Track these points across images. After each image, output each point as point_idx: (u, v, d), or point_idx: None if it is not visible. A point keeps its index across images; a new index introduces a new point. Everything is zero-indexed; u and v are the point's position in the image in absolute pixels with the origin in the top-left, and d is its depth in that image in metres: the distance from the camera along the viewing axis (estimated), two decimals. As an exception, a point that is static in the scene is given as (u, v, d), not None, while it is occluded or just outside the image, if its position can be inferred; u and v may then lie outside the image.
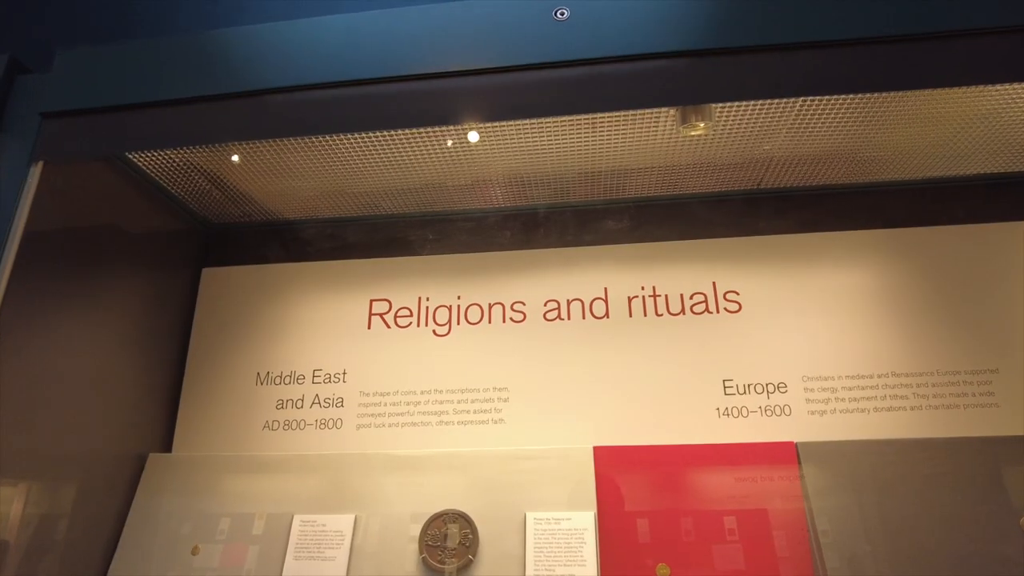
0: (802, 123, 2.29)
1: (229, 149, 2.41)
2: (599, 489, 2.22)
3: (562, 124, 2.30)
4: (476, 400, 2.53)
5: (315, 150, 2.42)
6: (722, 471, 2.24)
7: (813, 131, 2.34)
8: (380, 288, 2.76)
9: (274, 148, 2.41)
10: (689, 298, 2.59)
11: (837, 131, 2.34)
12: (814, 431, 2.34)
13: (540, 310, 2.64)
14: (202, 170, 2.55)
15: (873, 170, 2.61)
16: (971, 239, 2.55)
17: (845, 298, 2.53)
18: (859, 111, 2.23)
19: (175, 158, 2.46)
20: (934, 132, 2.36)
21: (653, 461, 2.27)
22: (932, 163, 2.57)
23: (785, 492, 2.19)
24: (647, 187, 2.70)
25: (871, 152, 2.49)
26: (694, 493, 2.21)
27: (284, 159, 2.48)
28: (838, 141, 2.41)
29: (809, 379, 2.43)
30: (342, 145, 2.40)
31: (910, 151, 2.49)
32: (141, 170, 2.51)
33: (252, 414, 2.62)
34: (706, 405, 2.43)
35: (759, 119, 2.25)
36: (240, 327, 2.77)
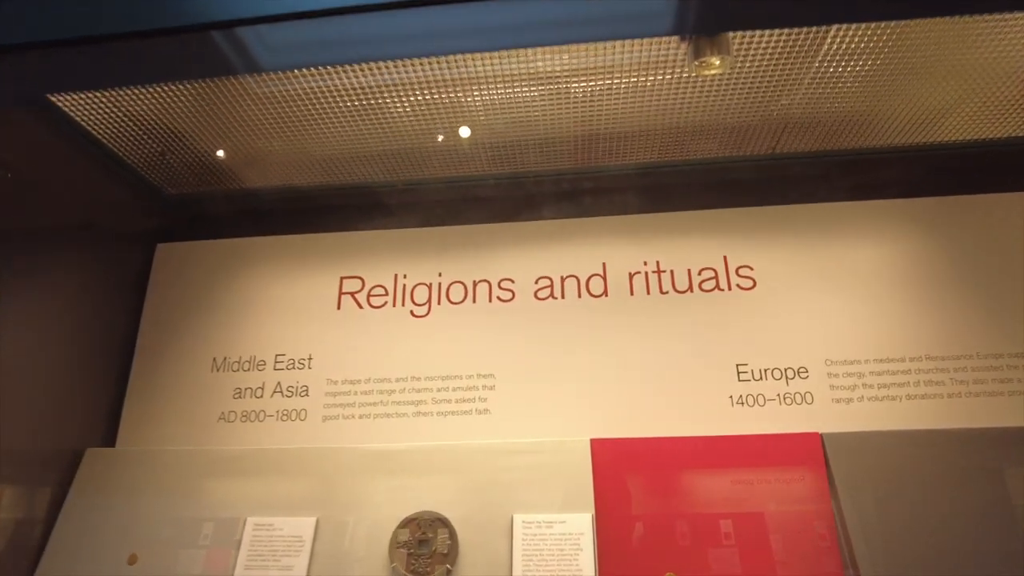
0: (822, 77, 2.03)
1: (179, 105, 2.12)
2: (597, 488, 1.95)
3: (554, 74, 2.02)
4: (458, 388, 2.26)
5: (278, 106, 2.14)
6: (738, 466, 1.98)
7: (835, 86, 2.07)
8: (352, 264, 2.49)
9: (232, 105, 2.12)
10: (697, 274, 2.33)
11: (860, 87, 2.08)
12: (839, 421, 2.09)
13: (531, 288, 2.37)
14: (153, 131, 2.26)
15: (901, 132, 2.34)
16: (1014, 208, 2.30)
17: (872, 273, 2.26)
18: (884, 62, 1.97)
19: (122, 116, 2.17)
20: (964, 86, 2.10)
21: (659, 455, 2.00)
22: (966, 124, 2.31)
23: (810, 489, 1.93)
24: (649, 151, 2.43)
25: (897, 112, 2.22)
26: (706, 491, 1.94)
27: (244, 117, 2.19)
28: (861, 99, 2.15)
29: (832, 363, 2.16)
30: (308, 99, 2.12)
31: (941, 110, 2.22)
32: (84, 130, 2.22)
33: (206, 404, 2.34)
34: (718, 392, 2.16)
35: (776, 67, 1.99)
36: (196, 308, 2.49)
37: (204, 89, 2.05)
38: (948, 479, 1.91)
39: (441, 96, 2.11)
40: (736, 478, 1.95)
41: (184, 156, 2.41)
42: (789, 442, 2.00)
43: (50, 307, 2.16)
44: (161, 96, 2.07)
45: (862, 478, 1.91)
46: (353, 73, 2.01)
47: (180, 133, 2.27)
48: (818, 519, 1.88)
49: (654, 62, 1.96)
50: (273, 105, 2.15)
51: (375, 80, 2.02)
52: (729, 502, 1.93)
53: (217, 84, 2.02)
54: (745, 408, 2.14)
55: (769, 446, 2.00)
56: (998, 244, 2.25)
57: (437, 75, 2.01)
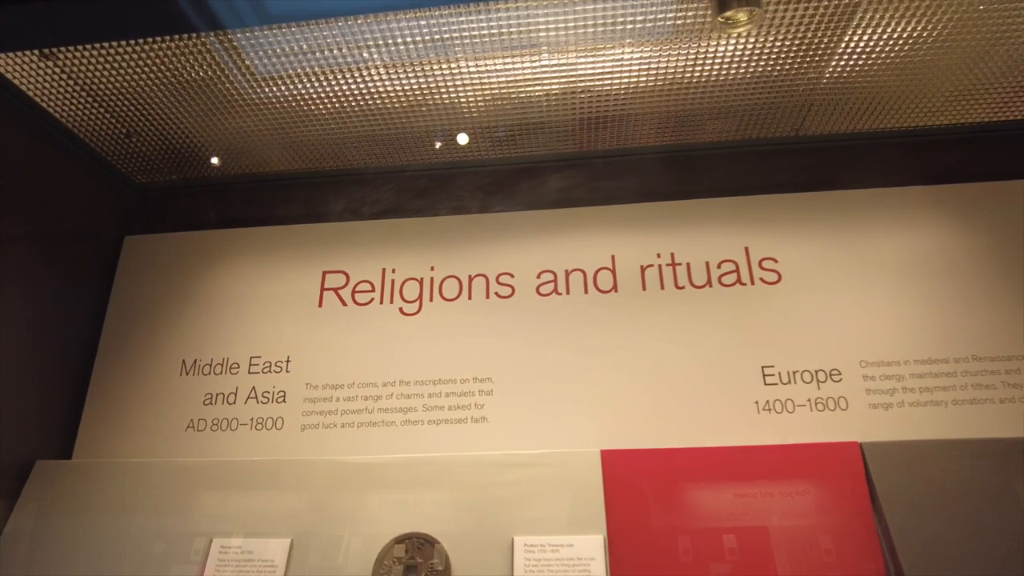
0: (854, 50, 1.83)
1: (144, 79, 1.90)
2: (609, 505, 1.72)
3: (557, 44, 1.82)
4: (452, 393, 2.04)
5: (255, 84, 1.93)
6: (768, 479, 1.75)
7: (867, 60, 1.87)
8: (335, 258, 2.28)
9: (205, 81, 1.91)
10: (716, 267, 2.11)
11: (895, 61, 1.87)
12: (878, 429, 1.87)
13: (532, 283, 2.16)
14: (117, 109, 2.04)
15: (938, 111, 2.13)
16: None
17: (909, 265, 2.05)
18: (920, 33, 1.77)
19: (80, 92, 1.96)
20: (1004, 61, 1.90)
21: (678, 468, 1.78)
22: (1008, 103, 2.10)
23: (850, 504, 1.70)
24: (661, 134, 2.23)
25: (934, 89, 2.01)
26: (733, 508, 1.72)
27: (218, 96, 1.98)
28: (896, 75, 1.94)
29: (868, 364, 1.95)
30: (288, 77, 1.91)
31: (980, 87, 2.02)
32: (38, 107, 2.01)
33: (174, 411, 2.11)
34: (742, 398, 1.94)
35: (804, 38, 1.78)
36: (165, 306, 2.27)
37: (171, 59, 1.84)
38: (1004, 493, 1.68)
39: (431, 70, 1.90)
40: (767, 493, 1.73)
41: (152, 140, 2.20)
42: (825, 452, 1.78)
43: (3, 306, 1.93)
44: (123, 68, 1.86)
45: (908, 492, 1.69)
46: (337, 47, 1.80)
47: (147, 112, 2.06)
48: (859, 537, 1.66)
49: (667, 28, 1.75)
50: (250, 83, 1.94)
51: (359, 57, 1.81)
52: (758, 520, 1.71)
53: (186, 55, 1.81)
54: (772, 415, 1.91)
55: (803, 457, 1.78)
56: (1052, 232, 2.03)
57: (426, 43, 1.80)
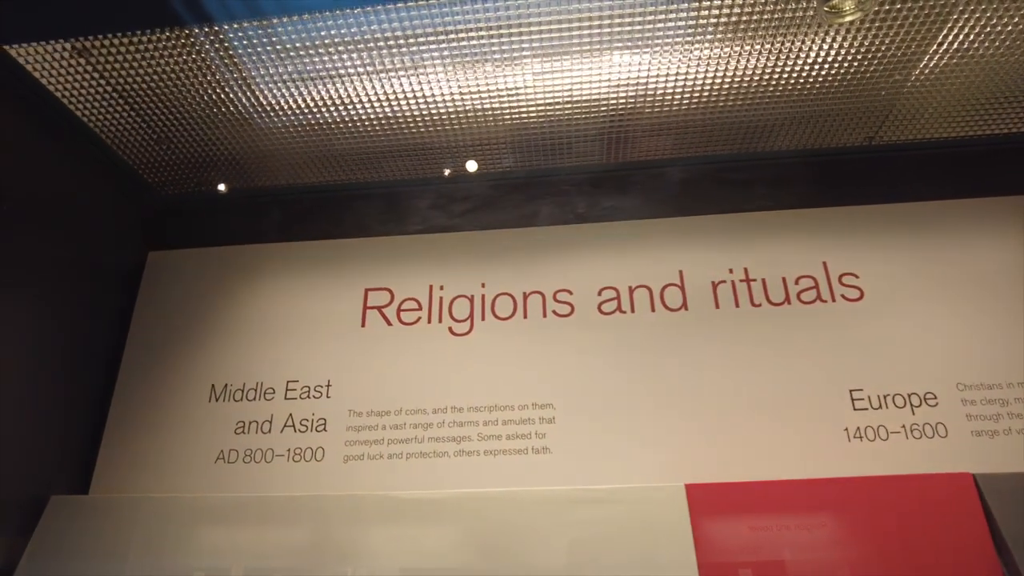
0: (949, 46, 1.70)
1: (175, 82, 1.77)
2: (699, 546, 1.53)
3: (621, 48, 1.69)
4: (510, 421, 1.87)
5: (292, 87, 1.80)
6: (872, 514, 1.57)
7: (963, 57, 1.74)
8: (378, 274, 2.12)
9: (239, 83, 1.78)
10: (794, 283, 1.96)
11: (995, 56, 1.75)
12: (984, 459, 1.71)
13: (593, 300, 2.00)
14: (146, 113, 1.90)
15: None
16: None
17: (1005, 279, 1.91)
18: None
19: (109, 93, 1.82)
20: None
21: (773, 503, 1.60)
22: None
23: (967, 545, 1.51)
24: (732, 142, 2.09)
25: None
26: (837, 545, 1.53)
27: (252, 99, 1.84)
28: (991, 73, 1.81)
29: (966, 387, 1.78)
30: (326, 80, 1.78)
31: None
32: (72, 115, 1.87)
33: (202, 441, 1.94)
34: (831, 424, 1.77)
35: (897, 35, 1.66)
36: (193, 326, 2.11)
37: (204, 63, 1.71)
38: None
39: (483, 72, 1.77)
40: (872, 530, 1.54)
41: (182, 147, 2.05)
42: (933, 484, 1.60)
43: (14, 322, 1.77)
44: (157, 69, 1.73)
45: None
46: (384, 47, 1.67)
47: (179, 117, 1.92)
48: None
49: (741, 39, 1.62)
50: (286, 86, 1.80)
51: (409, 60, 1.68)
52: (864, 559, 1.52)
53: (219, 56, 1.68)
54: (865, 443, 1.74)
55: (908, 489, 1.60)
56: None
57: (482, 44, 1.66)
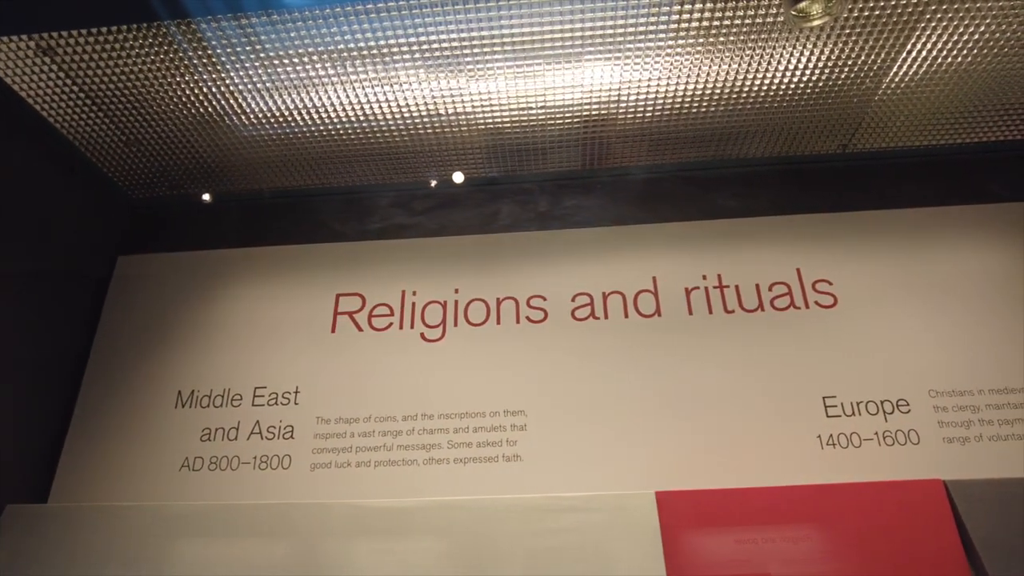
0: (919, 54, 1.71)
1: (146, 83, 1.74)
2: (668, 554, 1.51)
3: (595, 57, 1.69)
4: (481, 428, 1.85)
5: (266, 94, 1.78)
6: (844, 521, 1.55)
7: (932, 65, 1.75)
8: (350, 279, 2.11)
9: (211, 85, 1.76)
10: (768, 289, 1.96)
11: (963, 65, 1.76)
12: (955, 465, 1.71)
13: (566, 306, 1.99)
14: (116, 116, 1.87)
15: (1009, 124, 2.01)
16: None
17: (977, 287, 1.92)
18: (996, 33, 1.66)
19: (79, 98, 1.80)
20: None
21: (744, 510, 1.58)
22: None
23: (938, 551, 1.50)
24: (706, 149, 2.09)
25: (1006, 98, 1.90)
26: (808, 553, 1.52)
27: (225, 103, 1.82)
28: (960, 83, 1.83)
29: (939, 394, 1.79)
30: (300, 87, 1.76)
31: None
32: (39, 116, 1.84)
33: (167, 448, 1.90)
34: (804, 431, 1.76)
35: (867, 43, 1.66)
36: (160, 331, 2.07)
37: (176, 65, 1.69)
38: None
39: (458, 80, 1.76)
40: (843, 537, 1.53)
41: (153, 151, 2.03)
42: (905, 491, 1.59)
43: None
44: (126, 69, 1.70)
45: (1008, 537, 1.49)
46: (354, 53, 1.66)
47: (149, 121, 1.90)
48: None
49: (713, 44, 1.62)
50: (261, 92, 1.78)
51: (379, 66, 1.67)
52: (835, 567, 1.50)
53: (191, 59, 1.66)
54: (838, 450, 1.74)
55: (880, 496, 1.59)
56: None
57: (455, 50, 1.65)
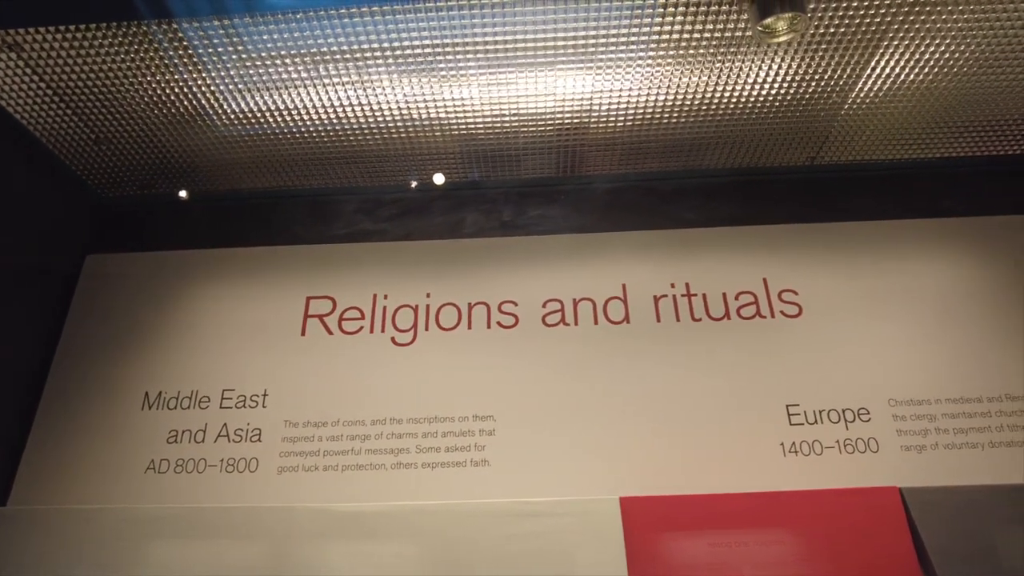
0: (883, 71, 1.76)
1: (116, 80, 1.73)
2: (631, 560, 1.53)
3: (568, 66, 1.71)
4: (450, 433, 1.86)
5: (238, 94, 1.77)
6: (802, 527, 1.59)
7: (895, 83, 1.80)
8: (321, 282, 2.10)
9: (182, 91, 1.75)
10: (734, 298, 1.99)
11: (924, 83, 1.81)
12: (912, 473, 1.75)
13: (537, 312, 2.00)
14: (86, 113, 1.86)
15: (970, 141, 2.07)
16: None
17: (938, 299, 1.97)
18: (955, 54, 1.71)
19: (46, 94, 1.77)
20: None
21: (706, 517, 1.61)
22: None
23: (892, 557, 1.55)
24: (677, 159, 2.12)
25: (966, 116, 1.95)
26: (766, 559, 1.55)
27: (196, 103, 1.81)
28: (923, 100, 1.87)
29: (898, 403, 1.83)
30: (273, 87, 1.76)
31: (1017, 115, 1.96)
32: (4, 112, 1.81)
33: (132, 450, 1.88)
34: (767, 439, 1.80)
35: (833, 58, 1.70)
36: (128, 331, 2.05)
37: (147, 62, 1.67)
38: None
39: (431, 84, 1.77)
40: (803, 543, 1.56)
41: (123, 149, 2.01)
42: (863, 498, 1.63)
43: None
44: (95, 65, 1.69)
45: (959, 543, 1.54)
46: (327, 55, 1.66)
47: (119, 118, 1.88)
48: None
49: (679, 54, 1.65)
50: (233, 92, 1.78)
51: (352, 66, 1.67)
52: (793, 572, 1.54)
53: (161, 58, 1.65)
54: (800, 458, 1.77)
55: (838, 503, 1.62)
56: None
57: (426, 55, 1.66)
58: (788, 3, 1.32)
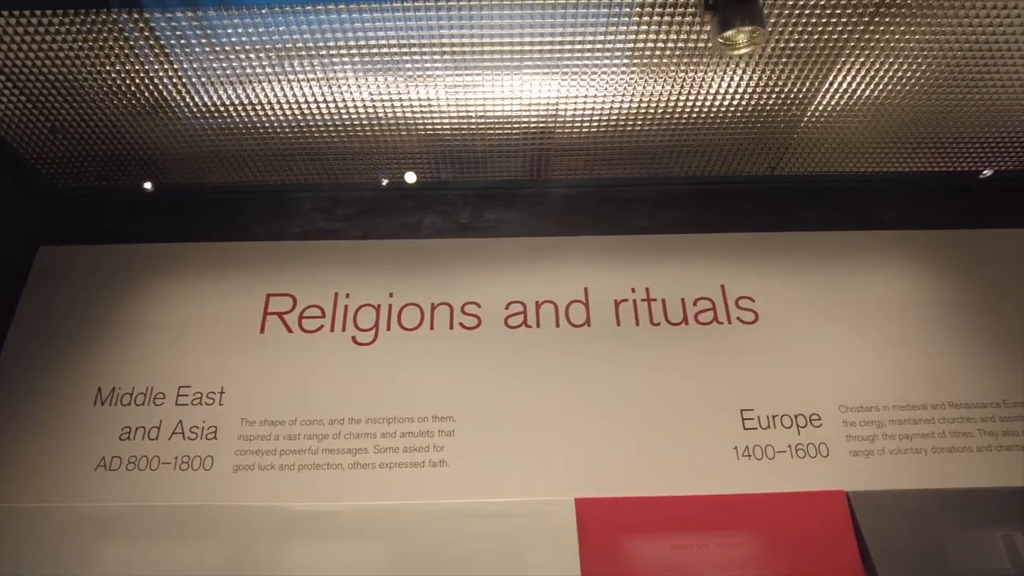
0: (839, 86, 1.80)
1: (74, 67, 1.69)
2: (584, 560, 1.55)
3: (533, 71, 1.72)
4: (408, 434, 1.86)
5: (201, 87, 1.74)
6: (752, 529, 1.63)
7: (851, 98, 1.85)
8: (282, 279, 2.08)
9: (140, 83, 1.71)
10: (693, 304, 2.02)
11: (878, 100, 1.86)
12: (860, 477, 1.80)
13: (500, 314, 2.02)
14: (41, 101, 1.81)
15: (920, 157, 2.14)
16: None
17: (887, 309, 2.03)
18: (907, 73, 1.76)
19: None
20: (989, 120, 1.94)
21: (658, 518, 1.65)
22: (996, 154, 2.13)
23: (837, 558, 1.60)
24: (640, 166, 2.15)
25: (916, 134, 2.01)
26: (716, 560, 1.59)
27: (158, 94, 1.78)
28: (877, 116, 1.93)
29: (848, 409, 1.88)
30: (237, 80, 1.74)
31: (963, 135, 2.03)
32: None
33: (83, 447, 1.85)
34: (721, 442, 1.83)
35: (792, 72, 1.75)
36: (82, 326, 2.01)
37: (106, 50, 1.64)
38: (999, 546, 1.62)
39: (397, 82, 1.77)
40: (752, 544, 1.61)
41: (81, 139, 1.96)
42: (810, 501, 1.68)
43: None
44: (51, 51, 1.65)
45: (901, 545, 1.59)
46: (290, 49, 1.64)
47: (76, 107, 1.83)
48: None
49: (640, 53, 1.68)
50: (196, 85, 1.75)
51: (318, 62, 1.66)
52: (742, 573, 1.57)
53: (121, 47, 1.62)
54: (753, 461, 1.81)
55: (787, 506, 1.67)
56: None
57: (391, 53, 1.66)
58: (748, 17, 1.35)
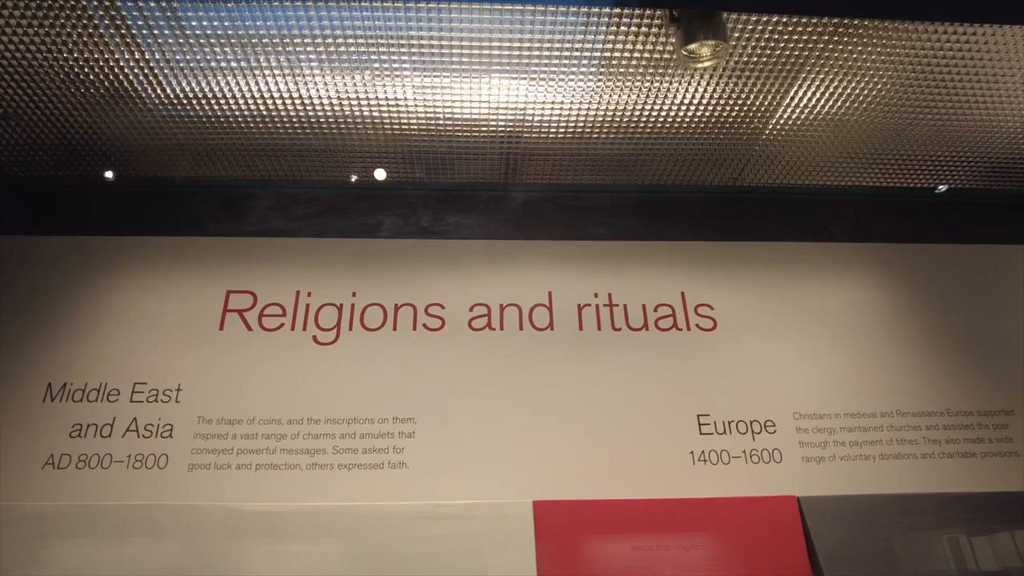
0: (800, 100, 1.85)
1: (26, 50, 1.64)
2: (540, 562, 1.56)
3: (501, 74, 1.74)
4: (368, 435, 1.85)
5: (162, 76, 1.71)
6: (705, 533, 1.66)
7: (811, 112, 1.90)
8: (242, 276, 2.05)
9: (99, 71, 1.68)
10: (653, 310, 2.05)
11: (837, 115, 1.92)
12: (811, 483, 1.85)
13: (464, 316, 2.01)
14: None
15: (875, 173, 2.21)
16: (987, 260, 2.22)
17: (840, 319, 2.08)
18: (864, 90, 1.82)
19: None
20: (944, 138, 2.02)
21: (614, 521, 1.67)
22: (954, 172, 2.21)
23: (787, 561, 1.64)
24: (606, 173, 2.17)
25: (871, 150, 2.08)
26: (670, 563, 1.61)
27: (115, 87, 1.74)
28: (835, 131, 1.99)
29: (801, 416, 1.93)
30: (201, 72, 1.71)
31: (913, 152, 2.10)
32: None
33: (31, 444, 1.79)
34: (678, 447, 1.86)
35: (755, 85, 1.79)
36: (33, 318, 1.96)
37: (61, 37, 1.60)
38: (943, 549, 1.68)
39: (366, 82, 1.76)
40: (705, 547, 1.64)
41: (36, 127, 1.91)
42: (762, 506, 1.72)
43: None
44: (2, 39, 1.60)
45: (847, 550, 1.64)
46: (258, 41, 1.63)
47: (31, 93, 1.78)
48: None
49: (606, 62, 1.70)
50: (158, 75, 1.72)
51: (288, 56, 1.65)
52: (697, 574, 1.61)
53: (79, 32, 1.58)
54: (708, 466, 1.84)
55: (740, 510, 1.71)
56: (971, 297, 2.14)
57: (360, 51, 1.66)
58: (711, 31, 1.38)
